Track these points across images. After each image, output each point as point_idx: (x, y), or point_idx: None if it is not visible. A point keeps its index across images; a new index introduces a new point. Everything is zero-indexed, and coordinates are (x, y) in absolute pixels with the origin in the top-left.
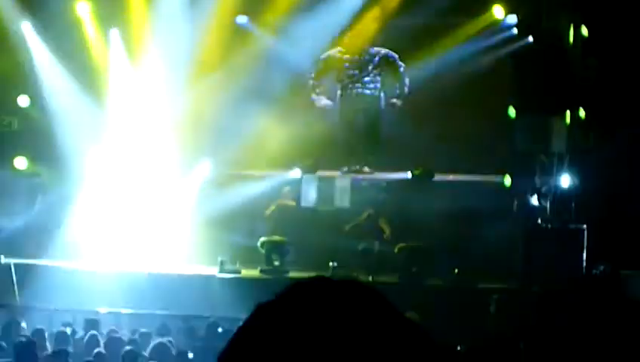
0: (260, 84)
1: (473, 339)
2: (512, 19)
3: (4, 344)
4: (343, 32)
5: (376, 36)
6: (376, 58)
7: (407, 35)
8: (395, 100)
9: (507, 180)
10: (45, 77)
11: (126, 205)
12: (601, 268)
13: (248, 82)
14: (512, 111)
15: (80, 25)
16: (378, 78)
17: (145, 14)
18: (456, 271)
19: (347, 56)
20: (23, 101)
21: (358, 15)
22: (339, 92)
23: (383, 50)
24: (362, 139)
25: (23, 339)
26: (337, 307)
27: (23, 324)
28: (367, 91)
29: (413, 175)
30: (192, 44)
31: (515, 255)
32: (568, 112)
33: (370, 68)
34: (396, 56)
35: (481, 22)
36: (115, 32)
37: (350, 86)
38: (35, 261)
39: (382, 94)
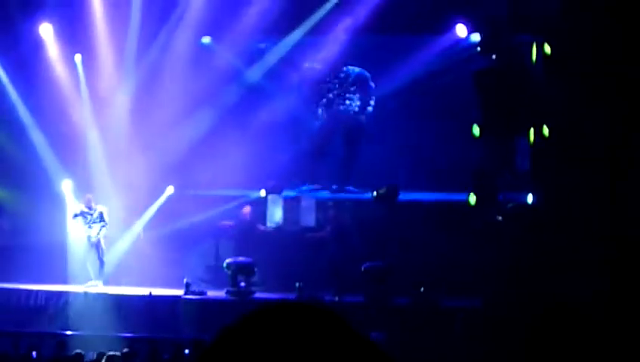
0: (225, 105)
1: (439, 358)
2: (475, 37)
3: None
4: (316, 48)
5: (344, 52)
6: (352, 76)
7: (373, 51)
8: (362, 117)
9: (472, 198)
10: (8, 100)
11: (92, 226)
12: None
13: (214, 102)
14: (475, 130)
15: (43, 47)
16: (355, 96)
17: (108, 37)
18: (422, 289)
19: (325, 75)
20: None
21: (327, 31)
22: (322, 108)
23: (358, 69)
24: (344, 156)
25: None
26: (299, 332)
27: None
28: (347, 108)
29: (378, 194)
30: (157, 65)
31: (480, 273)
32: (532, 130)
33: (348, 85)
34: (369, 75)
35: (444, 40)
36: (78, 57)
37: (335, 101)
38: (0, 284)
39: (358, 111)
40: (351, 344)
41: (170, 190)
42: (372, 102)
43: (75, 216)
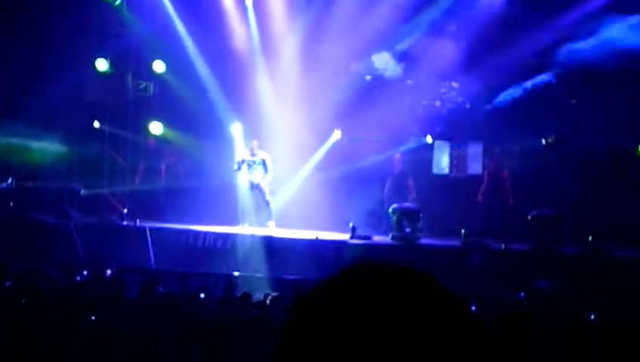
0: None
1: (606, 309)
2: None
3: (140, 305)
4: None
5: None
6: None
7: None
8: None
9: None
10: (180, 42)
11: (253, 172)
12: None
13: (384, 47)
14: None
15: None
16: None
17: None
18: (590, 239)
19: None
20: (159, 67)
21: None
22: None
23: None
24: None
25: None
26: (388, 294)
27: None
28: None
29: (547, 142)
30: (326, 9)
31: None
32: None
33: None
34: None
35: None
36: (249, 2)
37: None
38: (169, 225)
39: None
40: (439, 309)
41: (337, 134)
42: None
43: (238, 166)
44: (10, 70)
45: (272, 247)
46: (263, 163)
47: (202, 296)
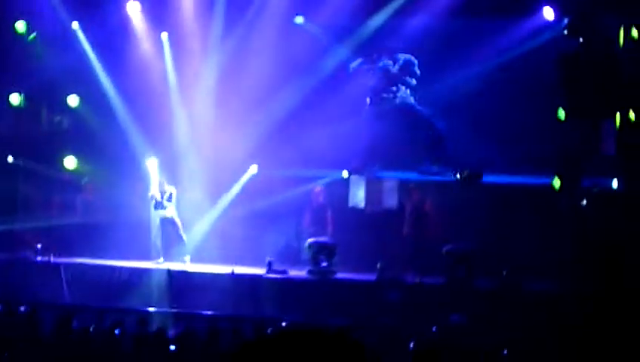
0: (309, 86)
1: (521, 341)
2: (562, 20)
3: (54, 341)
4: (397, 31)
5: (420, 37)
6: (400, 64)
7: (455, 35)
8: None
9: (556, 182)
10: (95, 76)
11: (166, 207)
12: None
13: (299, 83)
14: (561, 113)
15: (130, 25)
16: (407, 84)
17: (194, 15)
18: (504, 273)
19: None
20: (73, 101)
21: (402, 16)
22: (369, 99)
23: (405, 57)
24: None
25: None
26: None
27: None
28: (399, 98)
29: (461, 176)
30: (243, 44)
31: (564, 257)
32: (618, 114)
33: (396, 75)
34: (415, 62)
35: (530, 23)
36: (164, 35)
37: (383, 94)
38: (84, 260)
39: (413, 99)
40: None
41: (253, 169)
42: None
43: (155, 202)
44: None
45: (188, 282)
46: (171, 196)
47: (117, 331)
